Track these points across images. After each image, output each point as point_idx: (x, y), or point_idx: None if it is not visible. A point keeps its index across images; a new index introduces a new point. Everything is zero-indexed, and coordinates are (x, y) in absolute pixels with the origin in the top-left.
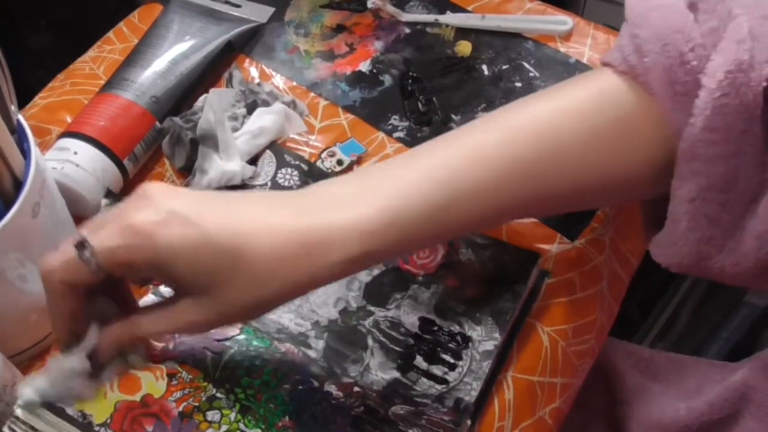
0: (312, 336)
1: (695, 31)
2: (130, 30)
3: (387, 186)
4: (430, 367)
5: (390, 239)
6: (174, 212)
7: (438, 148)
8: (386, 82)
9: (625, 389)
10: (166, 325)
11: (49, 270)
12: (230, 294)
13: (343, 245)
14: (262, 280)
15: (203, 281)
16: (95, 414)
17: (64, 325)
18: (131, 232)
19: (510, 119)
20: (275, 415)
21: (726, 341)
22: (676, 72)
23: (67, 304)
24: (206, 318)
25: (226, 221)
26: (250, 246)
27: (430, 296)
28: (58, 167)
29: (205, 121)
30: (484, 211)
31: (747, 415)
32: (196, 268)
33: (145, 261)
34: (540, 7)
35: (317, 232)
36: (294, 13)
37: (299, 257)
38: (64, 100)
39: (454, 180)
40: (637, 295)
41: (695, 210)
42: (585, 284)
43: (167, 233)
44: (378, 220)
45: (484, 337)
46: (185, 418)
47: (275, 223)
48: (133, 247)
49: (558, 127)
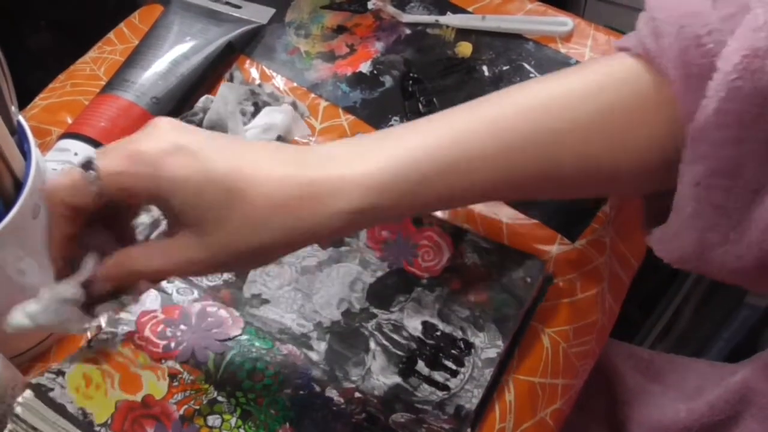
0: (314, 337)
1: (713, 16)
2: (131, 31)
3: (395, 144)
4: (432, 373)
5: (395, 195)
6: (181, 145)
7: (449, 115)
8: (387, 83)
9: (625, 390)
10: (162, 261)
11: (53, 190)
12: (225, 234)
13: (346, 196)
14: (258, 224)
15: (200, 216)
16: (96, 414)
17: (61, 249)
18: (137, 159)
19: (524, 95)
20: (276, 421)
21: (726, 342)
22: (691, 54)
23: (66, 227)
24: (201, 257)
25: (230, 161)
26: (249, 188)
27: (434, 300)
28: (59, 168)
29: (215, 113)
30: (491, 179)
31: (747, 416)
32: (195, 201)
33: (146, 189)
34: (540, 8)
35: (319, 182)
36: (294, 14)
37: (298, 205)
38: (65, 101)
39: (463, 143)
40: (637, 296)
41: (700, 195)
42: (585, 285)
43: (172, 164)
44: (384, 174)
45: (486, 345)
46: (186, 421)
47: (277, 171)
48: (138, 174)
49: (570, 104)
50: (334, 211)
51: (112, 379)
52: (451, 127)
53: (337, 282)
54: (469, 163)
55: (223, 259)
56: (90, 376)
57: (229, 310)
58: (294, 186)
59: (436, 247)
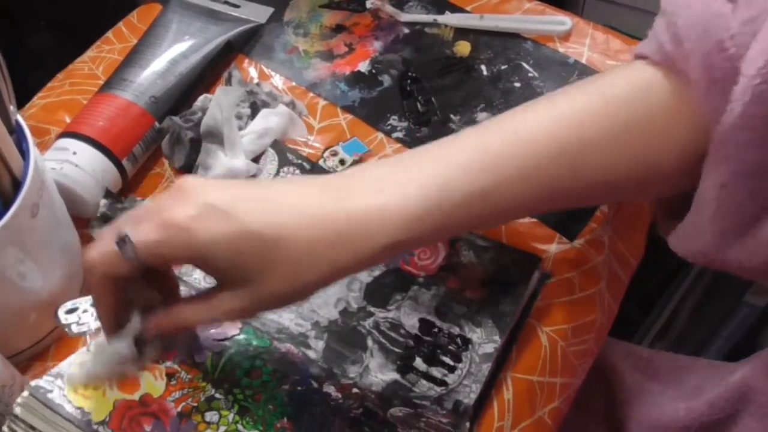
0: (312, 336)
1: (734, 20)
2: (129, 30)
3: (429, 170)
4: (430, 369)
5: (432, 223)
6: (211, 206)
7: (479, 134)
8: (385, 83)
9: (624, 389)
10: (207, 314)
11: (91, 265)
12: (269, 283)
13: (384, 230)
14: (301, 267)
15: (242, 272)
16: (94, 412)
17: (109, 314)
18: (170, 227)
19: (550, 109)
20: (274, 416)
21: (725, 341)
22: (714, 58)
23: (110, 296)
24: (245, 306)
25: (262, 212)
26: (287, 235)
27: (431, 297)
28: (57, 167)
29: (211, 118)
30: (525, 197)
31: (747, 415)
32: (235, 259)
33: (184, 255)
34: (539, 8)
35: (357, 218)
36: (293, 14)
37: (338, 243)
38: (63, 100)
39: (496, 165)
40: (636, 295)
41: (724, 197)
42: (584, 284)
43: (205, 228)
44: (420, 205)
45: (484, 340)
46: (184, 418)
47: (312, 211)
48: (173, 242)
49: (597, 117)
50: (376, 246)
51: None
52: (484, 150)
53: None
54: (502, 187)
55: (267, 302)
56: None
57: None
58: (332, 225)
59: (432, 246)
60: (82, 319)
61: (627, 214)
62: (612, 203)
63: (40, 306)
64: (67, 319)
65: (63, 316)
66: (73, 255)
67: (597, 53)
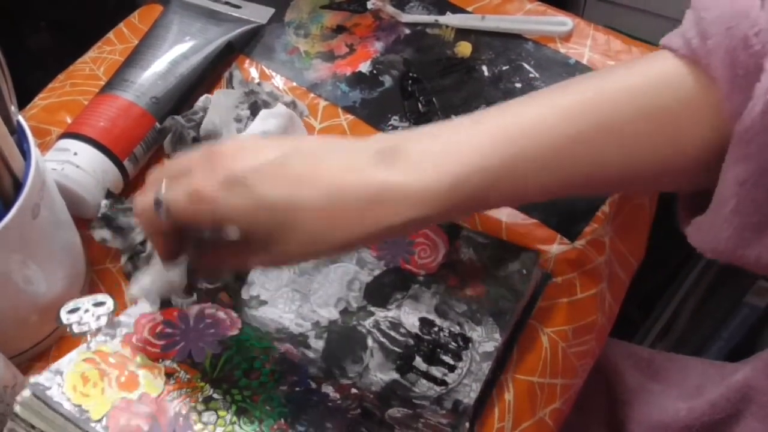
0: (312, 336)
1: (761, 17)
2: (130, 31)
3: (452, 150)
4: (430, 368)
5: (451, 203)
6: (234, 179)
7: (500, 116)
8: (386, 83)
9: (625, 390)
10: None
11: (138, 213)
12: (284, 248)
13: (403, 209)
14: (314, 237)
15: (261, 240)
16: (92, 411)
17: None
18: (195, 198)
19: (571, 94)
20: (271, 417)
21: (726, 342)
22: (738, 54)
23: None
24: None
25: (282, 186)
26: (302, 208)
27: (431, 296)
28: (58, 168)
29: (210, 122)
30: (541, 181)
31: (748, 415)
32: (251, 229)
33: (209, 222)
34: (540, 8)
35: (373, 192)
36: (294, 14)
37: (356, 216)
38: (64, 100)
39: (513, 151)
40: (637, 296)
41: (744, 194)
42: (585, 285)
43: (226, 201)
44: (441, 186)
45: (484, 338)
46: (181, 418)
47: (332, 188)
48: (197, 212)
49: (618, 105)
50: (392, 223)
51: (110, 378)
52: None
53: (335, 282)
54: (518, 171)
55: (284, 261)
56: (87, 375)
57: (228, 311)
58: (355, 194)
59: (431, 244)
60: (84, 319)
61: (628, 215)
62: (625, 193)
63: (42, 307)
64: (68, 319)
65: (65, 316)
66: (74, 256)
67: (598, 54)
